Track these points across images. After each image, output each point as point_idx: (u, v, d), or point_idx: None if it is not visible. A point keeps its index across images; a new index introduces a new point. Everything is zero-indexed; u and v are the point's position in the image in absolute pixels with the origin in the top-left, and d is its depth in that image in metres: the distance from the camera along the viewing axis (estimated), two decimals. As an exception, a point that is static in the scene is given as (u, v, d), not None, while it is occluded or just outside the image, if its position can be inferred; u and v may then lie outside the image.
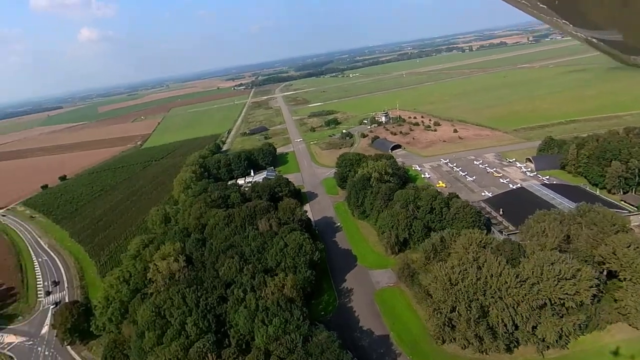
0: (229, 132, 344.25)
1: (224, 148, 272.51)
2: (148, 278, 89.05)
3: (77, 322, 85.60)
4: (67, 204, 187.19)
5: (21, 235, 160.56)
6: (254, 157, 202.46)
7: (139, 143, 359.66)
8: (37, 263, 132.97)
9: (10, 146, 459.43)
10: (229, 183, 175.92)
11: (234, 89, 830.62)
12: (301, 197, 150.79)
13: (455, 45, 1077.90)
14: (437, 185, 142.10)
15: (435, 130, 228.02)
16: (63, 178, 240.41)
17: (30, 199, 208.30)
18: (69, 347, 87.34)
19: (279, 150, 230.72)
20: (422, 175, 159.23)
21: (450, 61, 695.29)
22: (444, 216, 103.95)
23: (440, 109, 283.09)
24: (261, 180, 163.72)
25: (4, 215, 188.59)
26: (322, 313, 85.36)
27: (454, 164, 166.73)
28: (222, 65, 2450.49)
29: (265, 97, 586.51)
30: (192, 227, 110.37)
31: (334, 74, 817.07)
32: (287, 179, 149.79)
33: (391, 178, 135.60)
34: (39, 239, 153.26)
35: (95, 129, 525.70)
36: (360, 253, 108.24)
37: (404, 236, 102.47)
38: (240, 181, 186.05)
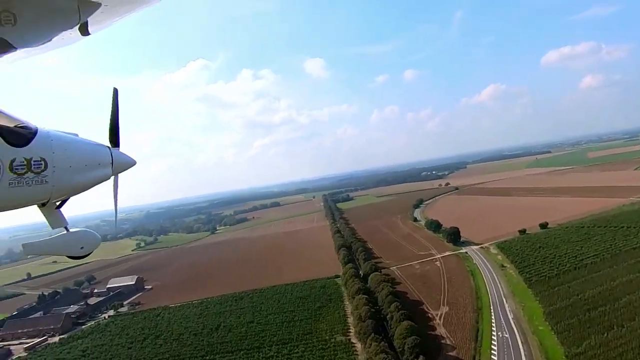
0: None
1: None
2: None
3: None
4: (544, 263, 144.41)
5: (487, 285, 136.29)
6: None
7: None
8: (495, 338, 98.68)
9: (498, 184, 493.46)
10: None
11: None
12: None
13: None
14: None
15: None
16: (544, 226, 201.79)
17: (505, 242, 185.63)
18: None
19: None
20: None
21: None
22: None
23: None
24: None
25: (464, 251, 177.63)
26: None
27: None
28: None
29: None
30: None
31: None
32: None
33: None
34: (504, 301, 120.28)
35: (583, 174, 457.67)
36: None
37: None
38: None
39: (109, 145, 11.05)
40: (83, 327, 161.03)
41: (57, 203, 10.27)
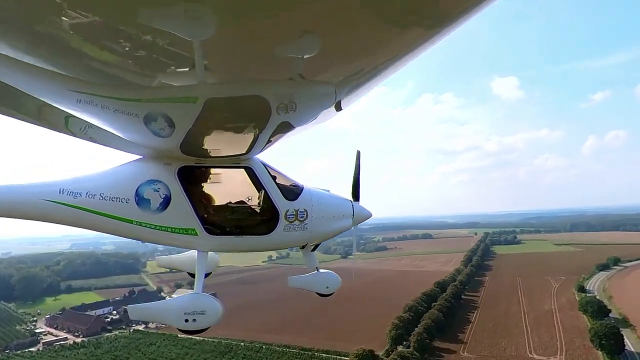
0: None
1: None
2: None
3: None
4: None
5: None
6: None
7: None
8: None
9: None
10: None
11: None
12: None
13: None
14: None
15: None
16: None
17: None
18: None
19: None
20: None
21: None
22: None
23: None
24: None
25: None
26: None
27: None
28: None
29: None
30: None
31: None
32: None
33: None
34: None
35: None
36: None
37: None
38: None
39: (352, 199, 12.15)
40: (109, 334, 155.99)
41: (312, 247, 12.11)
